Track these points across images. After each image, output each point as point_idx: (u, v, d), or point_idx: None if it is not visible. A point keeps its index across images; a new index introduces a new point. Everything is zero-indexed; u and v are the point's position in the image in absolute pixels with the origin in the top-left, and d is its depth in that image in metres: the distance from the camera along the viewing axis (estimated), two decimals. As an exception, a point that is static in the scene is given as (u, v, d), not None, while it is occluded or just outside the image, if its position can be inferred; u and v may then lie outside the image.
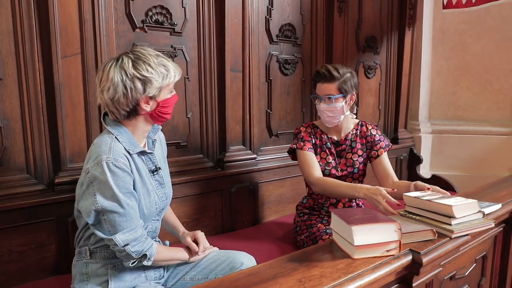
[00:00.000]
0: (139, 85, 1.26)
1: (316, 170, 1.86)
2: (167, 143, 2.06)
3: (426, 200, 1.35)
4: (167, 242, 1.65)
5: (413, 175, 3.45)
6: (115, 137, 1.30)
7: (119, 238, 1.24)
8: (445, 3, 3.04)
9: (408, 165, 3.49)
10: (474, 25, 3.45)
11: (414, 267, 1.16)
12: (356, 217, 1.15)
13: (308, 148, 1.91)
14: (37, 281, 1.73)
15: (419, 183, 1.66)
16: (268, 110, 2.51)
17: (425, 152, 3.59)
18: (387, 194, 1.50)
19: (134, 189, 1.31)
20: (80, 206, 1.27)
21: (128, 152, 1.30)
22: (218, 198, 2.26)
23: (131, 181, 1.28)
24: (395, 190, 1.51)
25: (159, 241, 1.59)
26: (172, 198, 2.03)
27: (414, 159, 3.47)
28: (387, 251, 1.11)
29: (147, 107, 1.31)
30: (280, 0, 2.49)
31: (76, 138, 1.83)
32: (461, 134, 3.55)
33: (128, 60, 1.26)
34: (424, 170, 3.58)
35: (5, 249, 1.67)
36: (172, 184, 2.03)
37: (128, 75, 1.25)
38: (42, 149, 1.76)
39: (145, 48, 1.32)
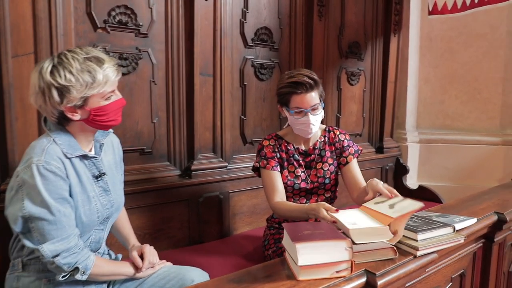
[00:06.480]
0: (55, 94, 1.15)
1: (276, 194, 1.72)
2: (129, 149, 1.98)
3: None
4: (120, 256, 1.54)
5: (399, 186, 3.33)
6: (53, 139, 1.21)
7: (46, 248, 1.14)
8: (430, 9, 2.95)
9: (394, 176, 3.37)
10: (462, 32, 3.37)
11: (369, 290, 1.04)
12: (305, 233, 1.04)
13: (272, 167, 1.76)
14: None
15: (372, 182, 1.54)
16: (242, 117, 2.40)
17: (412, 162, 3.48)
18: (330, 207, 1.38)
19: (70, 195, 1.21)
20: (8, 212, 1.18)
21: (66, 156, 1.21)
22: (184, 208, 2.13)
23: (65, 186, 1.19)
24: (339, 210, 1.37)
25: (108, 254, 1.48)
26: (135, 208, 1.95)
27: (401, 169, 3.35)
28: (337, 272, 1.00)
29: (76, 116, 1.20)
30: (256, 3, 2.40)
31: (27, 142, 1.67)
32: (449, 144, 3.45)
33: (49, 65, 1.16)
34: (411, 181, 3.47)
35: None
36: (135, 193, 1.95)
37: (45, 82, 1.15)
38: (-12, 154, 1.65)
39: (77, 50, 1.19)
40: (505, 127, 3.32)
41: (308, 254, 0.97)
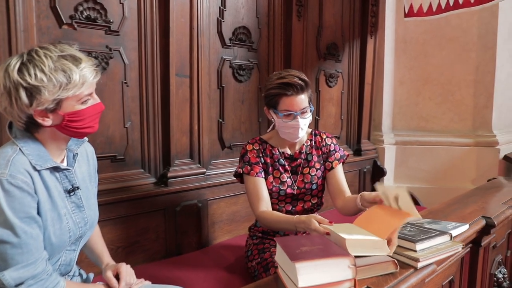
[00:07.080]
0: (23, 95, 1.00)
1: (261, 202, 1.62)
2: (100, 156, 1.81)
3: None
4: (91, 275, 1.39)
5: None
6: (20, 148, 1.05)
7: (9, 276, 1.00)
8: (406, 11, 2.95)
9: (372, 178, 3.35)
10: (435, 35, 3.41)
11: (372, 309, 0.96)
12: (303, 250, 0.95)
13: (257, 173, 1.66)
14: None
15: (365, 194, 1.46)
16: (220, 120, 2.29)
17: (389, 164, 3.48)
18: (322, 219, 1.30)
19: (38, 213, 1.06)
20: None
21: (35, 168, 1.05)
22: (160, 218, 1.99)
23: (33, 203, 1.04)
24: (333, 222, 1.29)
25: (79, 274, 1.33)
26: (107, 220, 1.79)
27: (378, 172, 3.34)
28: (340, 291, 0.91)
29: (47, 121, 1.06)
30: (234, 1, 2.30)
31: (-16, 152, 1.53)
32: (424, 145, 3.47)
33: (16, 62, 1.01)
34: (388, 183, 3.47)
35: None
36: (107, 204, 1.79)
37: (12, 81, 1.00)
38: None
39: (50, 47, 1.05)
40: (476, 128, 3.38)
41: (309, 274, 0.88)
